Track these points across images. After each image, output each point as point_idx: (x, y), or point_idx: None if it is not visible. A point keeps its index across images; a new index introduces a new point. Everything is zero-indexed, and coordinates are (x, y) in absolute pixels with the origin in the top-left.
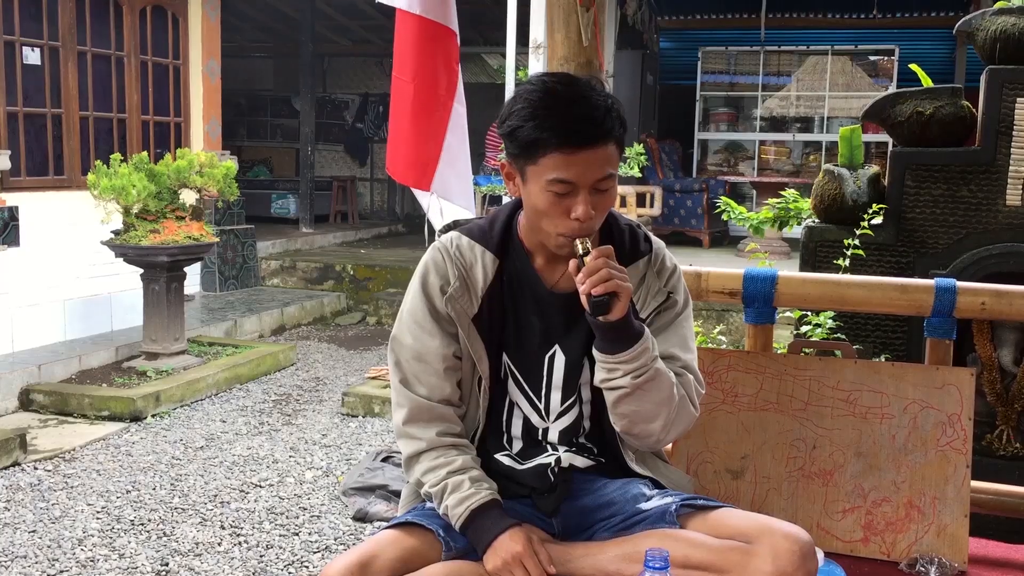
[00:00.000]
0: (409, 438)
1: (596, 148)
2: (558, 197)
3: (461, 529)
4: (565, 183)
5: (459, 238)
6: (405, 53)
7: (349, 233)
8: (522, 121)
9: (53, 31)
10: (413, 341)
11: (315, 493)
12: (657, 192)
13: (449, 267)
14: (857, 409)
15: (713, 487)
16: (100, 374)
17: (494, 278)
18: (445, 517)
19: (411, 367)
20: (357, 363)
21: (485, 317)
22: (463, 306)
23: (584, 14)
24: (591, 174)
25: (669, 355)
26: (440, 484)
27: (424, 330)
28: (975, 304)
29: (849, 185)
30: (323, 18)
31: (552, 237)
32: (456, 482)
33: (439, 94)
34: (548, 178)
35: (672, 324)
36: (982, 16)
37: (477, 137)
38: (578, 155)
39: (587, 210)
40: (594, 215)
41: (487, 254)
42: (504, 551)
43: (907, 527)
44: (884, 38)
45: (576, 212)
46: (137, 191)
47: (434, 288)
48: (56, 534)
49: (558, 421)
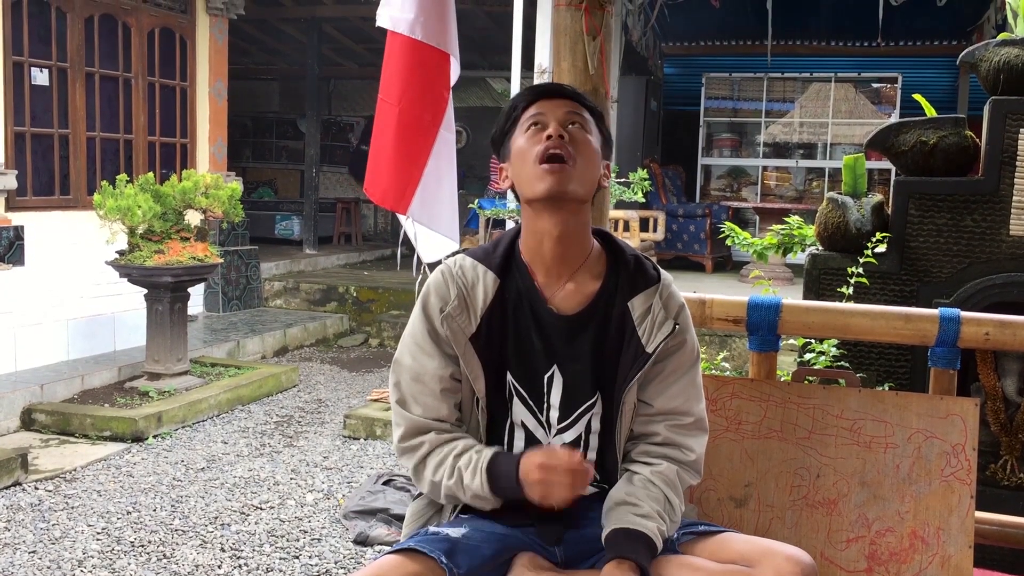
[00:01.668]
0: (410, 451)
1: (564, 99)
2: (534, 130)
3: (494, 494)
4: (537, 115)
5: (463, 259)
6: (392, 76)
7: (352, 255)
8: (503, 114)
9: (61, 52)
10: (412, 362)
11: (316, 516)
12: (660, 217)
13: (450, 286)
14: (861, 438)
15: (716, 515)
16: (102, 394)
17: (494, 297)
18: (476, 501)
19: (409, 388)
20: (359, 385)
21: (484, 336)
22: (460, 325)
23: (591, 42)
24: (559, 108)
25: (683, 410)
26: (453, 474)
27: (423, 351)
28: (979, 334)
29: (853, 213)
30: (329, 41)
31: (533, 172)
32: (465, 461)
33: (424, 119)
34: (524, 119)
35: (688, 371)
36: (985, 47)
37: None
38: (547, 101)
39: (558, 128)
40: (566, 138)
41: (488, 273)
42: (530, 470)
43: (911, 558)
44: (887, 66)
45: (548, 131)
46: (142, 212)
47: (434, 309)
48: (56, 555)
49: (557, 437)
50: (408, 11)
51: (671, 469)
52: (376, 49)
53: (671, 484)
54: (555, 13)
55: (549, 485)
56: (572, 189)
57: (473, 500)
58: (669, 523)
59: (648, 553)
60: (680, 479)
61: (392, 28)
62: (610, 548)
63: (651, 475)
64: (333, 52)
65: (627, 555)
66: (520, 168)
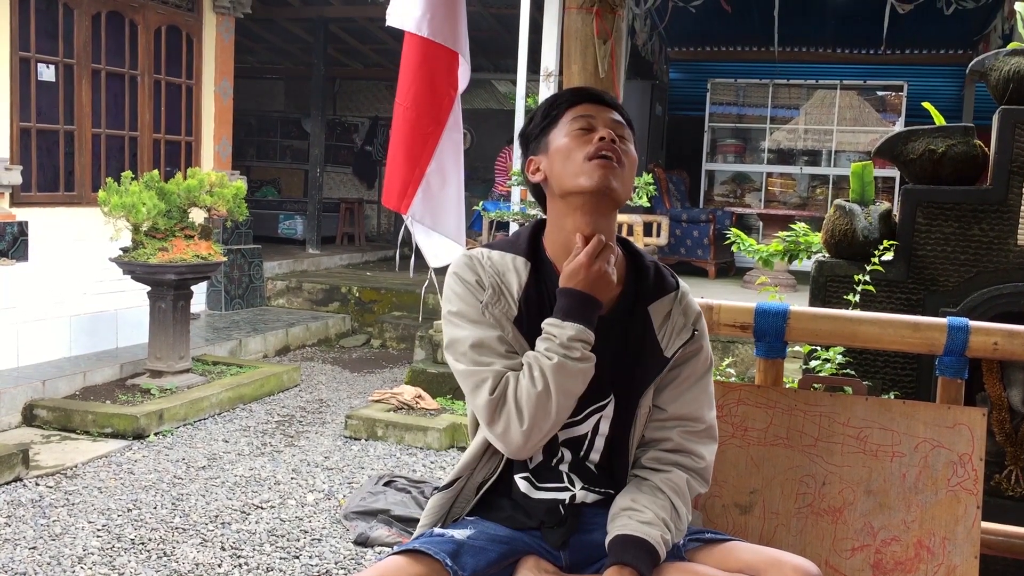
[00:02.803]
0: (501, 399)
1: (607, 107)
2: (582, 132)
3: (584, 324)
4: (586, 118)
5: (488, 251)
6: (407, 79)
7: (356, 255)
8: (538, 112)
9: (68, 49)
10: (468, 333)
11: (316, 516)
12: (664, 221)
13: (483, 273)
14: (867, 446)
15: (721, 522)
16: (104, 391)
17: (527, 280)
18: (582, 350)
19: (474, 355)
20: (361, 386)
21: (525, 319)
22: (502, 310)
23: (601, 46)
24: (607, 116)
25: (696, 416)
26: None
27: (478, 323)
28: (988, 344)
29: (860, 221)
30: (336, 41)
31: (582, 168)
32: (542, 345)
33: (425, 118)
34: (570, 119)
35: (702, 379)
36: (995, 56)
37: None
38: (594, 106)
39: (610, 133)
40: (616, 145)
41: (518, 259)
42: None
43: (916, 567)
44: (893, 74)
45: (599, 134)
46: (147, 209)
47: (476, 287)
48: (56, 551)
49: (565, 430)
50: (416, 8)
51: (681, 477)
52: (382, 50)
53: (680, 492)
54: (566, 16)
55: (597, 271)
56: (616, 187)
57: (581, 351)
58: (675, 531)
59: (649, 560)
60: (689, 487)
61: (400, 26)
62: (612, 554)
63: (660, 482)
64: (339, 52)
65: (628, 562)
66: (563, 164)
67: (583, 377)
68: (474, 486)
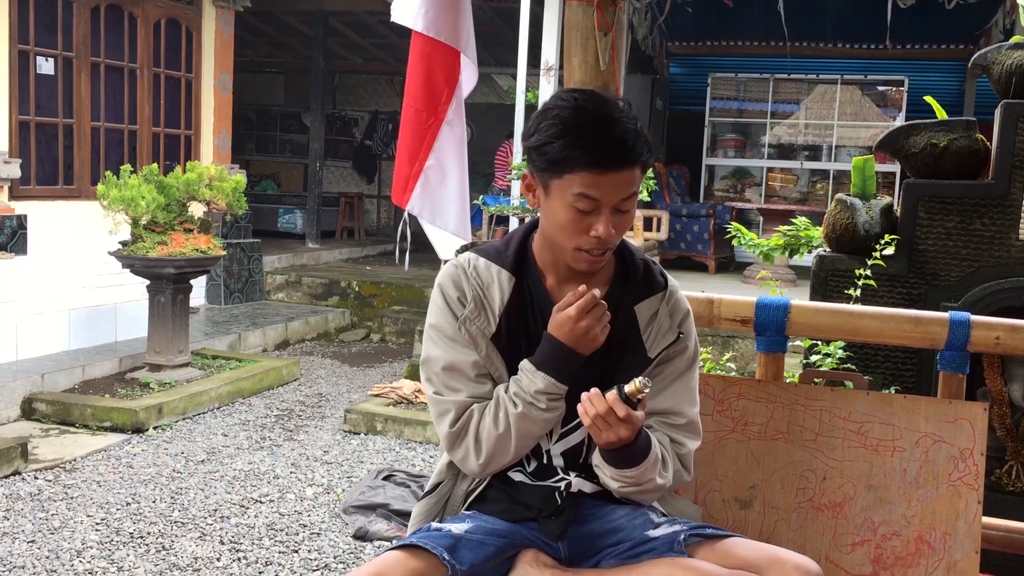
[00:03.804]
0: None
1: (624, 171)
2: (580, 214)
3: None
4: (590, 199)
5: (476, 259)
6: (410, 76)
7: (355, 249)
8: (551, 138)
9: (67, 42)
10: (442, 353)
11: (315, 510)
12: (664, 216)
13: (466, 286)
14: (868, 441)
15: (721, 516)
16: (103, 385)
17: (511, 296)
18: (549, 402)
19: (444, 378)
20: (360, 380)
21: (504, 335)
22: (479, 327)
23: (602, 39)
24: (616, 194)
25: (676, 411)
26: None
27: (454, 342)
28: (989, 338)
29: (861, 215)
30: (335, 35)
31: (569, 251)
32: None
33: (423, 111)
34: (574, 192)
35: (684, 375)
36: (998, 50)
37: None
38: (606, 176)
39: (608, 229)
40: (614, 234)
41: (503, 273)
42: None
43: (917, 562)
44: (894, 69)
45: (597, 230)
46: (146, 202)
47: (454, 302)
48: (55, 545)
49: (560, 443)
50: (418, 5)
51: (665, 439)
52: (382, 44)
53: (663, 444)
54: (567, 9)
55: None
56: (601, 266)
57: (547, 404)
58: (664, 465)
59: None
60: (682, 457)
61: (402, 22)
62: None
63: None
64: (339, 46)
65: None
66: (554, 229)
67: (547, 424)
68: (461, 494)
